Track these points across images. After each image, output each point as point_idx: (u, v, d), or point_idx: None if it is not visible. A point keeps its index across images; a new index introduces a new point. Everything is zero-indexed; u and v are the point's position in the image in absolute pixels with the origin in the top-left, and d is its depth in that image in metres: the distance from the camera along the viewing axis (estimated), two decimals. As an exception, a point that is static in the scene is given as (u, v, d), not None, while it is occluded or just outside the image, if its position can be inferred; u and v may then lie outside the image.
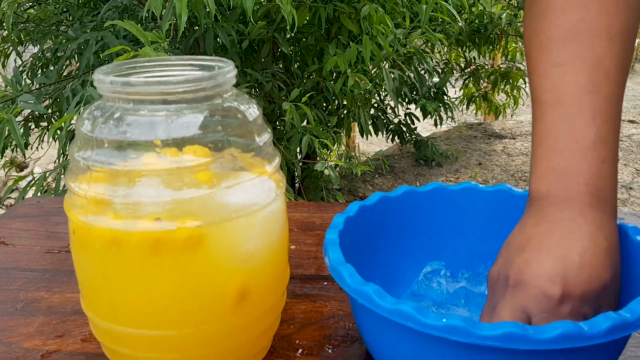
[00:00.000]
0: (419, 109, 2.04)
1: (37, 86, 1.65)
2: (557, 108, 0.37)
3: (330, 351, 0.45)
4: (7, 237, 0.65)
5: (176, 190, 0.34)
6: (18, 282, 0.55)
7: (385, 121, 2.06)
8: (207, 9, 0.99)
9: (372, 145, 3.48)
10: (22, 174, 3.21)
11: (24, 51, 1.96)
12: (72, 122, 1.15)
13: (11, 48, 1.85)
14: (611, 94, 0.36)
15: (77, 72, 1.61)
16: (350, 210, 0.45)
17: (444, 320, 0.31)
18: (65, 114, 1.25)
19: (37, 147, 1.99)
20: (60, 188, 1.48)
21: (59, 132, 1.27)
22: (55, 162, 2.84)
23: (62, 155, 1.46)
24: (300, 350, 0.45)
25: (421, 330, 0.31)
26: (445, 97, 2.12)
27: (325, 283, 0.54)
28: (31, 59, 1.90)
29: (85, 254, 0.36)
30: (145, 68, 0.39)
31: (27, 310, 0.51)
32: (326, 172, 1.53)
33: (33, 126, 1.83)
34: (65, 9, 1.73)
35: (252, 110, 0.38)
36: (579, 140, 0.36)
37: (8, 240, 0.64)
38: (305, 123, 1.55)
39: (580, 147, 0.36)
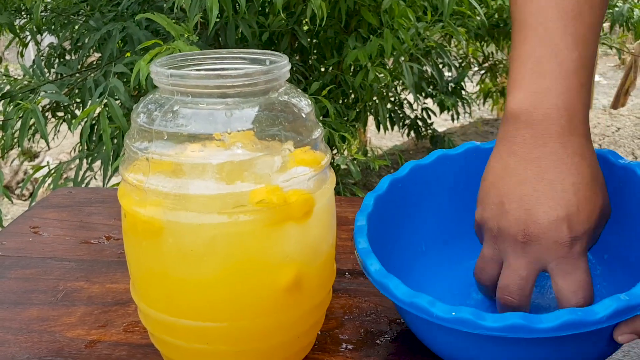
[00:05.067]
0: (435, 104, 2.03)
1: (54, 76, 1.65)
2: (541, 32, 0.38)
3: (374, 346, 0.45)
4: (42, 226, 0.65)
5: (232, 183, 0.34)
6: (56, 272, 0.56)
7: (401, 115, 2.06)
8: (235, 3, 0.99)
9: (384, 139, 3.47)
10: (33, 163, 3.23)
11: (41, 41, 1.96)
12: (95, 113, 1.15)
13: (29, 37, 1.85)
14: (593, 23, 0.37)
15: (97, 62, 1.61)
16: (380, 188, 0.46)
17: (453, 313, 0.33)
18: (87, 105, 1.25)
19: (52, 138, 2.00)
20: (79, 179, 1.49)
21: (78, 123, 1.27)
22: (70, 152, 2.84)
23: (82, 145, 1.46)
24: (344, 345, 0.45)
25: (434, 322, 0.34)
26: (463, 92, 2.11)
27: (362, 278, 0.54)
28: (47, 48, 1.91)
29: (140, 245, 0.36)
30: (197, 61, 0.39)
31: (68, 300, 0.51)
32: (343, 166, 1.53)
33: (50, 116, 1.84)
34: (84, -1, 1.73)
35: (306, 104, 0.38)
36: (562, 64, 0.37)
37: (42, 230, 0.64)
38: (321, 117, 1.55)
39: (563, 70, 0.37)
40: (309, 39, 1.71)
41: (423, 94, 2.03)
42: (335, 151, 1.78)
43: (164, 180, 0.34)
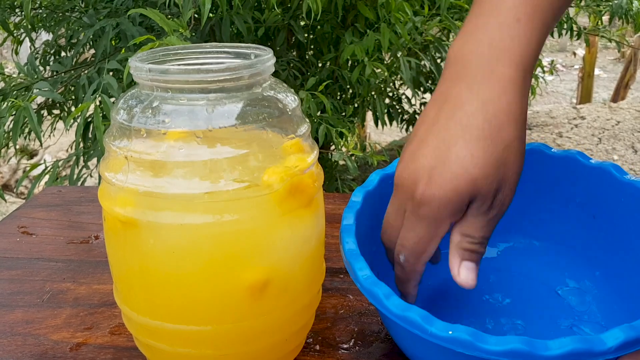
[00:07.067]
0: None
1: (50, 73, 1.64)
2: None
3: (366, 347, 0.43)
4: (30, 226, 0.64)
5: (215, 182, 0.33)
6: (43, 273, 0.55)
7: (399, 111, 2.04)
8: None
9: (384, 135, 3.46)
10: (32, 161, 3.21)
11: (36, 38, 1.95)
12: (89, 110, 1.13)
13: (24, 35, 1.84)
14: None
15: (91, 59, 1.60)
16: (370, 184, 0.44)
17: (450, 332, 0.31)
18: (81, 102, 1.24)
19: (49, 135, 1.98)
20: (75, 176, 1.48)
21: (72, 120, 1.25)
22: (67, 150, 2.83)
23: (77, 143, 1.45)
24: (336, 346, 0.43)
25: (429, 340, 0.31)
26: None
27: (355, 277, 0.53)
28: (43, 46, 1.89)
29: (121, 247, 0.35)
30: (179, 55, 0.38)
31: (54, 301, 0.50)
32: (341, 162, 1.51)
33: (45, 114, 1.82)
34: (78, -5, 1.71)
35: (291, 100, 0.37)
36: (499, 1, 0.34)
37: (31, 230, 0.63)
38: (318, 113, 1.53)
39: (498, 5, 0.33)
40: (305, 34, 1.69)
41: (421, 89, 2.01)
42: (333, 147, 1.77)
43: (143, 179, 0.33)
